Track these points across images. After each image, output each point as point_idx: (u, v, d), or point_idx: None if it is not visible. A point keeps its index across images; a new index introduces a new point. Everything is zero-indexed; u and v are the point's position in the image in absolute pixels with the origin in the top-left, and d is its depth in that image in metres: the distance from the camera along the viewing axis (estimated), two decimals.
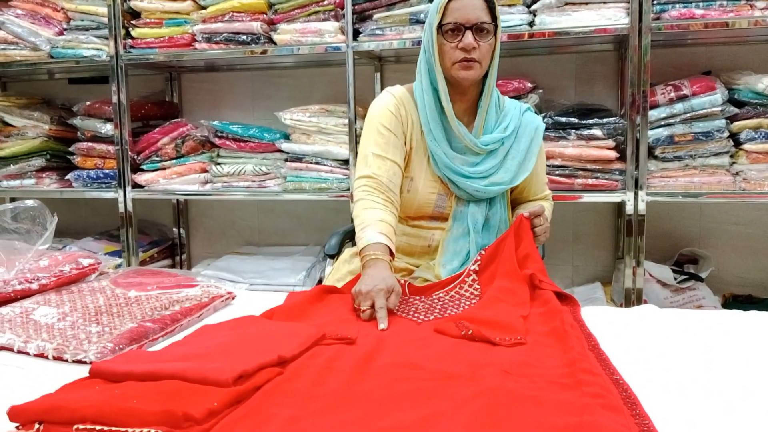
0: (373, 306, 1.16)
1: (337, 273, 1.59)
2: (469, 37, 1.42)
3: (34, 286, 1.26)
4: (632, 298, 2.14)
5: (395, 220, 1.45)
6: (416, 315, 1.19)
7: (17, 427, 0.72)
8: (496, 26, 1.46)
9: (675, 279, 2.25)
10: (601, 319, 1.11)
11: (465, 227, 1.51)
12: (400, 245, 1.54)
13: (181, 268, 3.09)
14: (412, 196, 1.53)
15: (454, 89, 1.49)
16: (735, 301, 2.35)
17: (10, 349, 1.02)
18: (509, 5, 2.16)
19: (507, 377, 0.84)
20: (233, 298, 1.32)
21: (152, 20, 2.54)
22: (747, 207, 2.43)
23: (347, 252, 1.64)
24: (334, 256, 1.70)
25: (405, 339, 1.03)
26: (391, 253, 1.35)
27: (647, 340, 1.04)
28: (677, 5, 2.03)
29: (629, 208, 2.11)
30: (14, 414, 0.72)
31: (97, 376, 0.85)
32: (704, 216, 2.49)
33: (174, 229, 3.10)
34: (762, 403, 0.80)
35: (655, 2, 2.03)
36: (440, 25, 1.45)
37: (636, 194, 2.09)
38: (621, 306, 2.18)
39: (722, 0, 2.01)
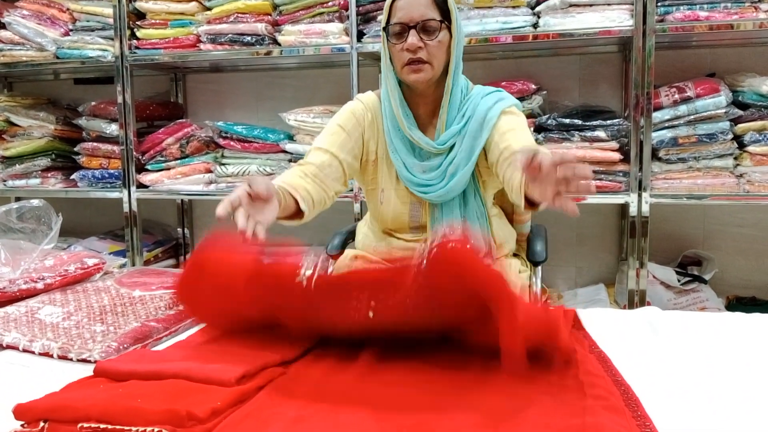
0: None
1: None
2: (412, 37, 1.34)
3: (40, 285, 1.26)
4: (635, 299, 2.13)
5: (310, 187, 1.37)
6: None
7: (22, 425, 0.72)
8: (447, 22, 1.36)
9: (678, 281, 2.25)
10: (605, 320, 1.11)
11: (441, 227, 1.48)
12: (391, 255, 1.52)
13: None
14: (386, 208, 1.49)
15: (413, 92, 1.43)
16: (739, 303, 2.35)
17: (15, 348, 1.03)
18: (513, 7, 2.16)
19: (509, 379, 0.84)
20: None
21: (157, 21, 2.55)
22: (751, 209, 2.43)
23: (348, 255, 1.62)
24: (336, 256, 1.70)
25: (407, 339, 1.03)
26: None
27: (650, 342, 1.04)
28: (681, 7, 2.03)
29: (633, 210, 2.11)
30: (20, 412, 0.73)
31: (101, 375, 0.86)
32: (708, 218, 2.48)
33: (178, 229, 3.11)
34: (765, 406, 0.80)
35: (659, 4, 2.03)
36: (387, 26, 1.39)
37: (640, 196, 2.09)
38: (624, 308, 2.18)
39: (726, 2, 2.00)
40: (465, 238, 0.85)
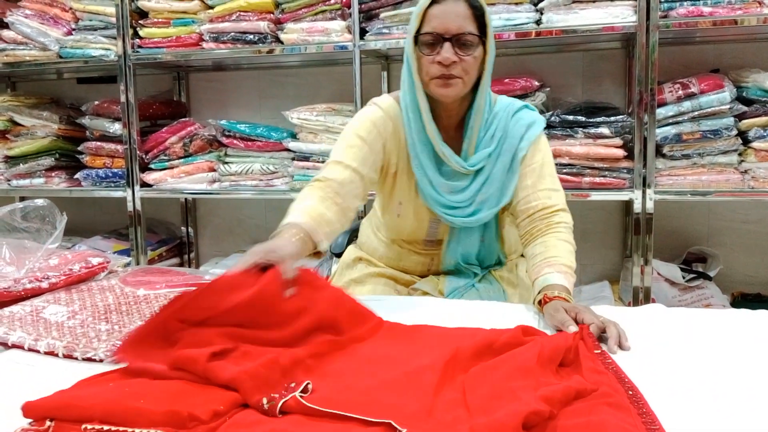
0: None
1: (339, 280, 1.55)
2: (447, 51, 1.24)
3: (44, 284, 1.26)
4: (640, 296, 2.13)
5: (333, 215, 1.27)
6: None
7: (30, 424, 0.73)
8: (484, 37, 1.28)
9: (683, 277, 2.25)
10: (609, 317, 1.11)
11: (460, 252, 1.43)
12: (398, 267, 1.53)
13: (189, 266, 3.10)
14: (402, 221, 1.43)
15: (438, 104, 1.34)
16: (744, 300, 2.34)
17: (20, 347, 1.03)
18: (516, 3, 2.15)
19: (511, 376, 0.83)
20: None
21: (160, 20, 2.55)
22: (756, 205, 2.42)
23: (350, 255, 1.61)
24: (340, 255, 1.69)
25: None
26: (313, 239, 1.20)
27: (655, 339, 1.04)
28: (685, 3, 2.02)
29: (637, 207, 2.10)
30: (28, 410, 0.73)
31: (123, 359, 0.88)
32: (713, 214, 2.48)
33: (182, 228, 3.12)
34: None
35: (662, 0, 2.03)
36: (418, 35, 1.28)
37: (644, 192, 2.09)
38: (629, 305, 2.18)
39: None
40: None
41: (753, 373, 0.89)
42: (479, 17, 1.27)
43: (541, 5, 2.15)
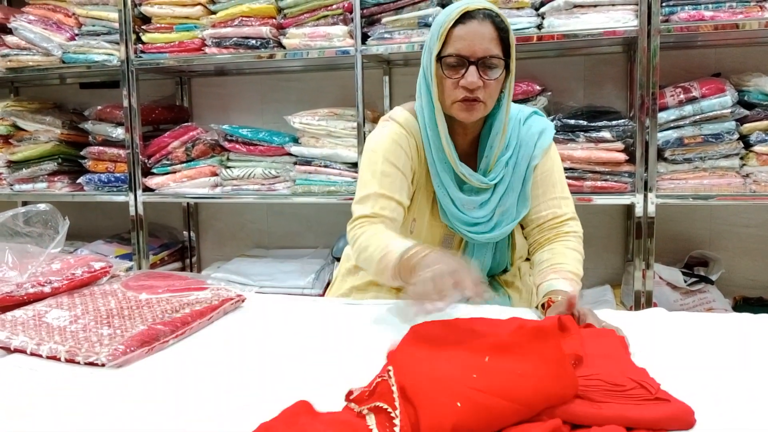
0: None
1: (340, 288, 1.53)
2: (472, 75, 1.20)
3: (47, 289, 1.27)
4: (642, 300, 2.13)
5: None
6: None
7: None
8: (508, 59, 1.24)
9: (685, 281, 2.24)
10: (611, 321, 1.11)
11: (473, 263, 1.38)
12: None
13: (191, 270, 3.11)
14: (416, 238, 1.37)
15: (455, 122, 1.31)
16: (746, 304, 2.34)
17: (23, 352, 1.03)
18: (517, 8, 2.16)
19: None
20: (243, 301, 1.33)
21: (163, 25, 2.56)
22: (757, 209, 2.42)
23: (350, 260, 1.55)
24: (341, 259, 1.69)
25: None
26: None
27: (657, 343, 1.04)
28: (686, 7, 2.02)
29: (639, 211, 2.10)
30: None
31: None
32: (714, 218, 2.48)
33: (184, 232, 3.12)
34: None
35: (663, 4, 2.03)
36: (440, 56, 1.23)
37: (645, 196, 2.09)
38: (631, 309, 2.17)
39: (732, 1, 2.00)
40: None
41: (755, 377, 0.89)
42: (504, 39, 1.23)
43: (542, 10, 2.15)
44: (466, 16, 1.22)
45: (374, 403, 0.75)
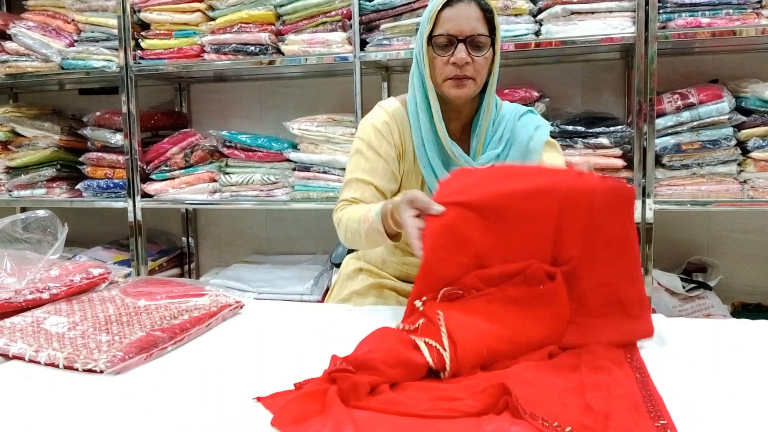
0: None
1: (341, 292, 1.54)
2: (461, 51, 1.28)
3: (45, 295, 1.27)
4: None
5: None
6: None
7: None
8: (494, 38, 1.32)
9: (683, 287, 2.24)
10: None
11: None
12: (401, 274, 1.51)
13: (189, 277, 3.10)
14: None
15: (448, 106, 1.37)
16: (744, 310, 2.34)
17: (21, 358, 1.03)
18: (515, 15, 2.17)
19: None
20: (241, 308, 1.32)
21: (162, 32, 2.57)
22: (755, 215, 2.42)
23: (350, 265, 1.58)
24: (341, 265, 1.69)
25: None
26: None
27: (655, 349, 1.04)
28: (683, 14, 2.03)
29: (637, 217, 2.10)
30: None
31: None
32: (712, 224, 2.48)
33: (183, 238, 3.12)
34: None
35: (661, 11, 2.04)
36: (431, 36, 1.31)
37: (644, 202, 2.09)
38: None
39: (728, 8, 2.01)
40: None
41: (754, 383, 0.89)
42: (489, 19, 1.31)
43: (540, 17, 2.16)
44: (453, 0, 1.30)
45: (424, 339, 0.94)
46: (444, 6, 1.30)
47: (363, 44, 2.34)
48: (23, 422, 0.82)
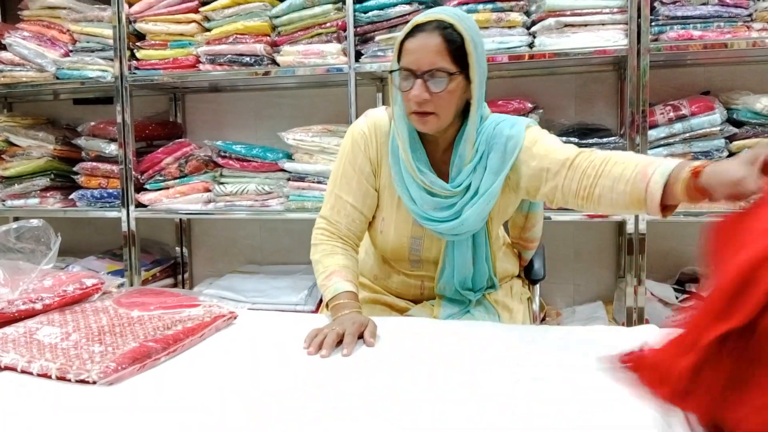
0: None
1: None
2: (417, 88, 1.20)
3: (38, 306, 1.26)
4: (634, 317, 2.13)
5: (356, 264, 1.39)
6: None
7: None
8: (463, 70, 1.21)
9: (677, 298, 2.25)
10: (603, 338, 1.11)
11: (451, 268, 1.38)
12: (391, 287, 1.51)
13: (183, 287, 3.09)
14: (385, 238, 1.41)
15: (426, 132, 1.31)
16: None
17: (13, 369, 1.03)
18: (509, 27, 2.19)
19: None
20: (235, 318, 1.32)
21: (157, 42, 2.58)
22: None
23: None
24: None
25: None
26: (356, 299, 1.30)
27: None
28: (675, 26, 2.05)
29: (630, 227, 2.12)
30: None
31: None
32: (705, 235, 2.48)
33: (176, 248, 3.11)
34: None
35: (653, 24, 2.06)
36: (394, 69, 1.25)
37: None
38: (623, 325, 2.18)
39: (720, 21, 2.03)
40: None
41: None
42: (456, 49, 1.20)
43: (533, 29, 2.18)
44: (416, 29, 1.22)
45: None
46: (407, 36, 1.23)
47: (358, 55, 2.35)
48: None
